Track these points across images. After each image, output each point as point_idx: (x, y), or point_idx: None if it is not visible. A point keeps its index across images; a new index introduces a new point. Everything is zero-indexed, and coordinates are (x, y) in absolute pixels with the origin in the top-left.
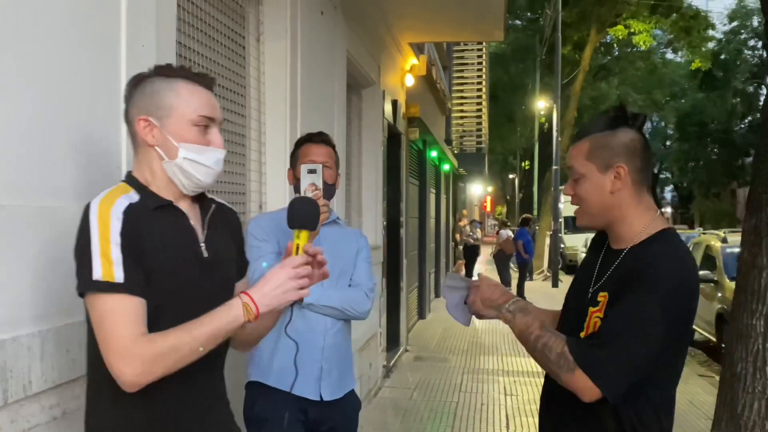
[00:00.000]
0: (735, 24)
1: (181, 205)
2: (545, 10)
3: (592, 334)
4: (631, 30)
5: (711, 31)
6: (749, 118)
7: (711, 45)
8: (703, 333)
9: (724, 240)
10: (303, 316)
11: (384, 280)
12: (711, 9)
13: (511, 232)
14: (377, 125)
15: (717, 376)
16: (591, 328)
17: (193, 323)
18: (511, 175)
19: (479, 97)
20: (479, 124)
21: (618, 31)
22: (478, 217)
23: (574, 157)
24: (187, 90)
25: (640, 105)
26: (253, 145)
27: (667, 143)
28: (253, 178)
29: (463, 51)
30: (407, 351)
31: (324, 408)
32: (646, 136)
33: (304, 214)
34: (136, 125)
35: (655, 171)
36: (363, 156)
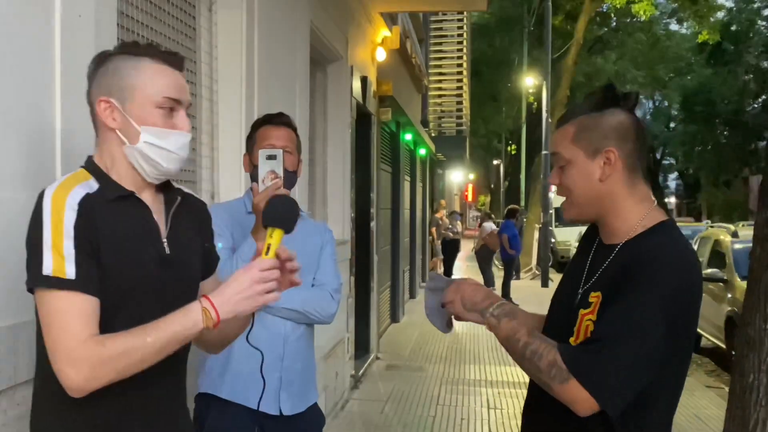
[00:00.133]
0: None
1: (144, 196)
2: None
3: (587, 339)
4: None
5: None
6: (763, 97)
7: (720, 15)
8: (711, 339)
9: (735, 234)
10: (260, 320)
11: (352, 279)
12: None
13: (495, 226)
14: (344, 105)
15: (726, 388)
16: (582, 332)
17: (147, 327)
18: (495, 161)
19: (460, 73)
20: (460, 103)
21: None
22: (458, 208)
23: (559, 143)
24: (153, 70)
25: (640, 82)
26: (204, 128)
27: (671, 125)
28: (204, 164)
29: (441, 22)
30: (378, 359)
31: (283, 424)
32: (639, 117)
33: (283, 213)
34: (97, 107)
35: (658, 156)
36: (328, 139)
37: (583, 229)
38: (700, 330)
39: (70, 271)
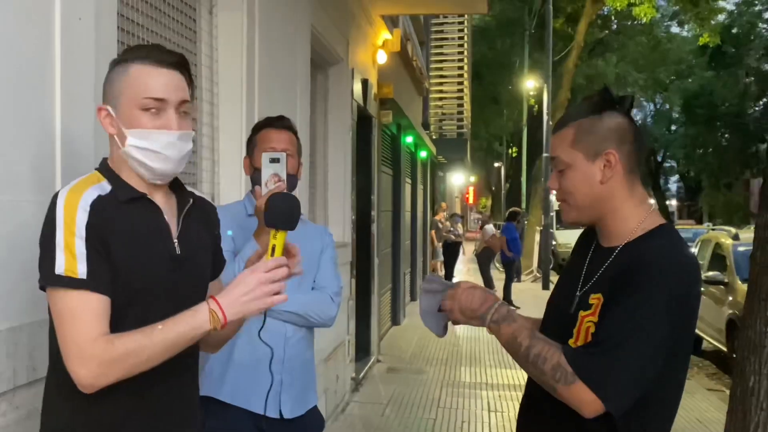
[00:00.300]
0: None
1: (157, 197)
2: None
3: (591, 341)
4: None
5: (721, 2)
6: (764, 100)
7: (721, 17)
8: (712, 341)
9: (736, 237)
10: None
11: (353, 282)
12: None
13: (494, 228)
14: (345, 107)
15: (727, 391)
16: (583, 333)
17: (155, 327)
18: (496, 164)
19: (461, 76)
20: (461, 106)
21: (617, 2)
22: (459, 211)
23: (558, 146)
24: (138, 72)
25: (641, 85)
26: (204, 130)
27: (672, 128)
28: (205, 167)
29: (442, 24)
30: (379, 361)
31: (282, 427)
32: (635, 120)
33: (284, 210)
34: (98, 115)
35: (659, 159)
36: (329, 142)
37: None
38: (701, 333)
39: (82, 271)
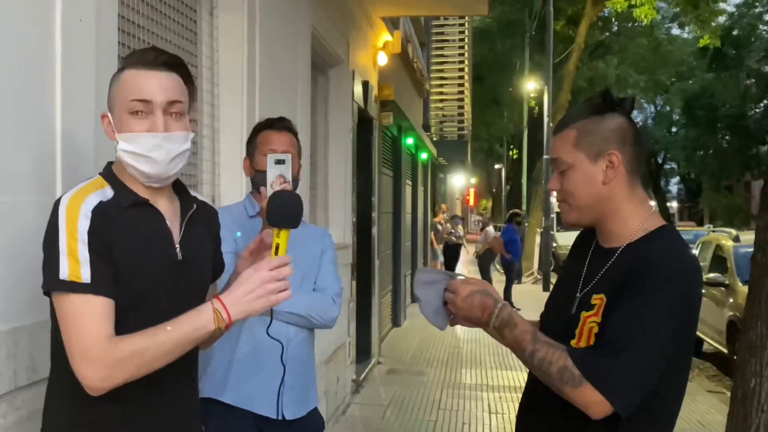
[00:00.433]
0: None
1: (160, 202)
2: None
3: (597, 342)
4: (632, 2)
5: (722, 4)
6: (764, 102)
7: (722, 19)
8: (712, 343)
9: (737, 239)
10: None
11: (353, 284)
12: None
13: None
14: (346, 109)
15: (728, 393)
16: (586, 334)
17: (158, 328)
18: (497, 165)
19: (461, 77)
20: (461, 108)
21: (617, 4)
22: (460, 212)
23: (559, 147)
24: (127, 76)
25: (642, 87)
26: (205, 132)
27: (673, 129)
28: (206, 168)
29: (443, 26)
30: (379, 363)
31: (284, 428)
32: (636, 122)
33: (287, 210)
34: (102, 122)
35: (660, 160)
36: (330, 143)
37: None
38: (701, 335)
39: (86, 275)
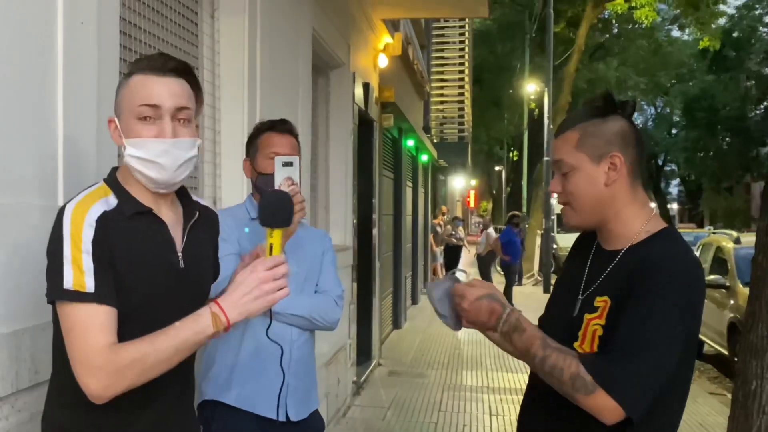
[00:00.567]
0: None
1: (163, 209)
2: None
3: (608, 347)
4: (632, 4)
5: (722, 6)
6: (765, 104)
7: (722, 21)
8: (713, 345)
9: (737, 240)
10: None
11: (354, 285)
12: None
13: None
14: (347, 111)
15: (729, 395)
16: (589, 336)
17: (158, 334)
18: (497, 167)
19: (462, 79)
20: (461, 110)
21: (617, 6)
22: (460, 214)
23: (561, 149)
24: (135, 81)
25: (642, 88)
26: (206, 134)
27: (673, 131)
28: (207, 170)
29: (443, 28)
30: (380, 365)
31: (287, 430)
32: (636, 125)
33: (277, 209)
34: (108, 127)
35: (660, 162)
36: (331, 145)
37: None
38: (702, 336)
39: (90, 285)
